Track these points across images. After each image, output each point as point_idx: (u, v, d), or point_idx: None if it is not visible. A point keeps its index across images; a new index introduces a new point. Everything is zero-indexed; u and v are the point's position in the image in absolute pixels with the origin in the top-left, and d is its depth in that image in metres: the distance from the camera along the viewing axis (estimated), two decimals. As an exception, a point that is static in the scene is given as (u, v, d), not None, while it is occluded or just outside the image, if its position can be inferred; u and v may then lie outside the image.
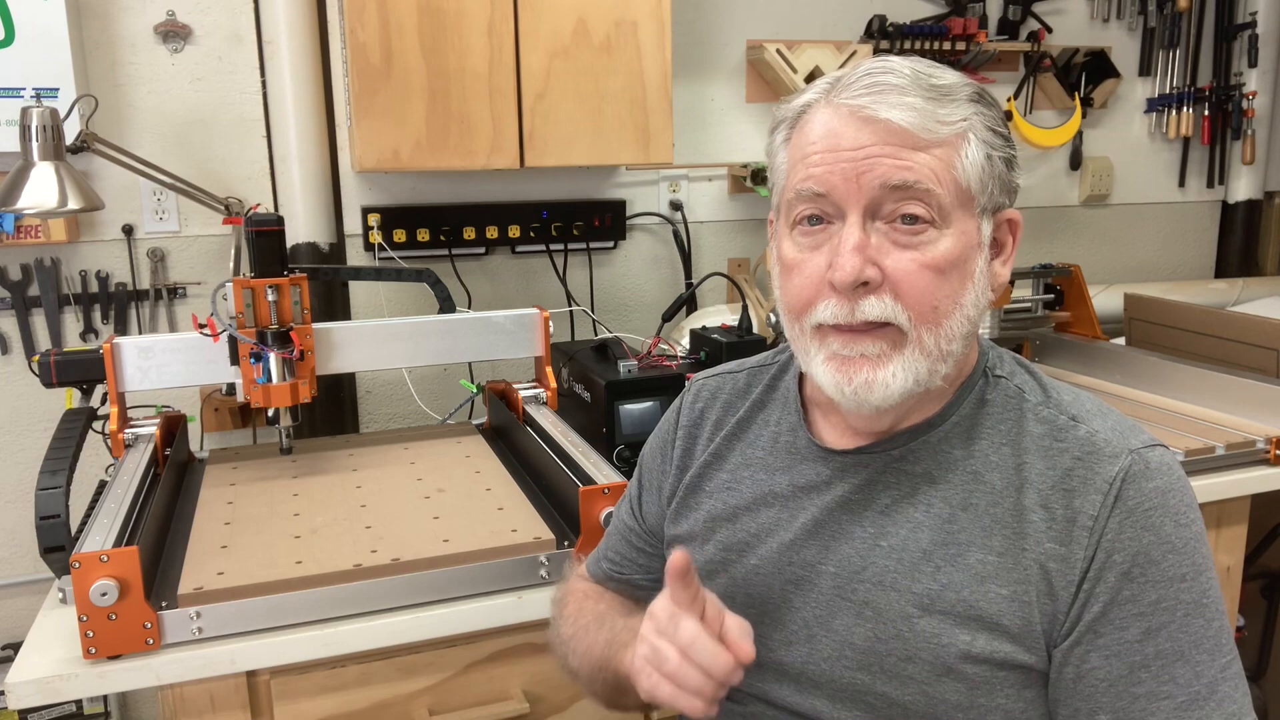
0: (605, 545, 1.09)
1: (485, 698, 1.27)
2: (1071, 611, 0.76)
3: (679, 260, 2.34)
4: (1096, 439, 0.80)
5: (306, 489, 1.48)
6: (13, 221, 1.85)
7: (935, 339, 0.78)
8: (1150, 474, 0.77)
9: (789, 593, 0.86)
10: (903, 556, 0.81)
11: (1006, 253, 0.85)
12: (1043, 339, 2.19)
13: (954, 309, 0.79)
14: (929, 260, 0.77)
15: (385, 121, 1.77)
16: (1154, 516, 0.76)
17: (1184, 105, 2.74)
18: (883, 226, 0.78)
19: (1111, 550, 0.75)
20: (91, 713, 1.93)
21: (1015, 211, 0.84)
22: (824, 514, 0.86)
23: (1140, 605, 0.75)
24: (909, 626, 0.80)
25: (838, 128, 0.78)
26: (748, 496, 0.92)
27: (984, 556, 0.79)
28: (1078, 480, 0.78)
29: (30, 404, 1.94)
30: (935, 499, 0.82)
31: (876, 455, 0.85)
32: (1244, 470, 1.62)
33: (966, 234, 0.79)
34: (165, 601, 1.13)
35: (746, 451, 0.94)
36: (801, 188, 0.79)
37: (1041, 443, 0.81)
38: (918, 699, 0.79)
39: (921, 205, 0.77)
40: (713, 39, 2.30)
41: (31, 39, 1.75)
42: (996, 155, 0.80)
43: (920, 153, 0.77)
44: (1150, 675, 0.74)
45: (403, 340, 1.64)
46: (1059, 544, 0.77)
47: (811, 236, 0.80)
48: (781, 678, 0.86)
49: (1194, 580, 0.76)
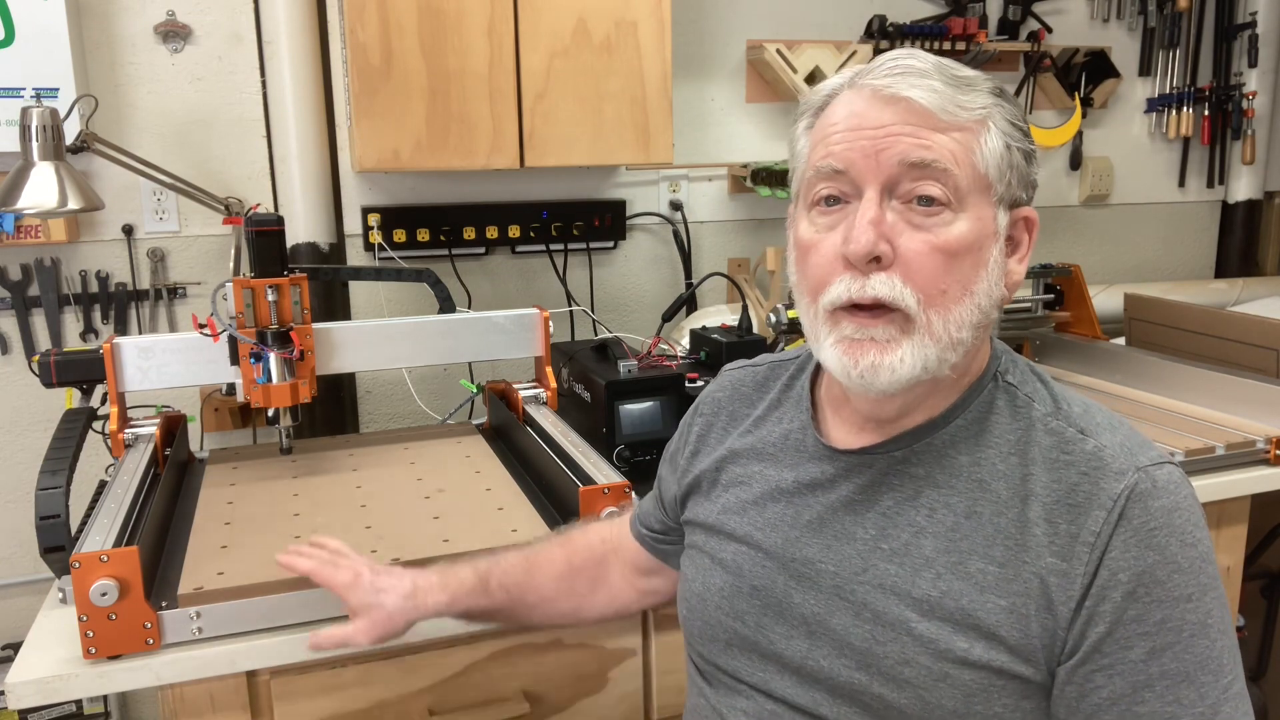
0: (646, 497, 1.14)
1: (485, 698, 1.27)
2: (1074, 629, 0.76)
3: (679, 260, 2.34)
4: (1104, 454, 0.79)
5: (306, 489, 1.48)
6: (13, 221, 1.85)
7: (944, 324, 0.78)
8: (1157, 492, 0.76)
9: (790, 588, 0.87)
10: (904, 561, 0.81)
11: (1022, 250, 0.85)
12: (1043, 339, 2.19)
13: (964, 295, 0.78)
14: (941, 242, 0.77)
15: (385, 122, 1.77)
16: (1159, 536, 0.75)
17: (1184, 105, 2.74)
18: (899, 206, 0.78)
19: (1116, 569, 0.75)
20: (91, 713, 1.93)
21: (1032, 210, 0.84)
22: (827, 512, 0.87)
23: (1145, 625, 0.74)
24: (907, 630, 0.80)
25: (860, 108, 0.79)
26: (757, 491, 0.93)
27: (985, 566, 0.79)
28: (1083, 496, 0.77)
29: (30, 404, 1.95)
30: (939, 504, 0.82)
31: (880, 456, 0.85)
32: (1244, 470, 1.62)
33: (982, 220, 0.79)
34: (165, 601, 1.13)
35: (759, 447, 0.96)
36: (821, 165, 0.80)
37: (1049, 455, 0.80)
38: (914, 703, 0.79)
39: (938, 186, 0.77)
40: (713, 39, 2.30)
41: (31, 39, 1.75)
42: (1015, 147, 0.80)
43: (940, 134, 0.77)
44: (1155, 695, 0.74)
45: (403, 340, 1.63)
46: (1060, 559, 0.77)
47: (829, 216, 0.81)
48: (783, 670, 0.87)
49: (1199, 600, 0.75)
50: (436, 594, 1.06)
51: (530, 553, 1.12)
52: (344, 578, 1.05)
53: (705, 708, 0.94)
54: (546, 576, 1.11)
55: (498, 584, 1.08)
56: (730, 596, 0.91)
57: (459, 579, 1.07)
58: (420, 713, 1.24)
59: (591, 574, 1.13)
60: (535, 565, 1.11)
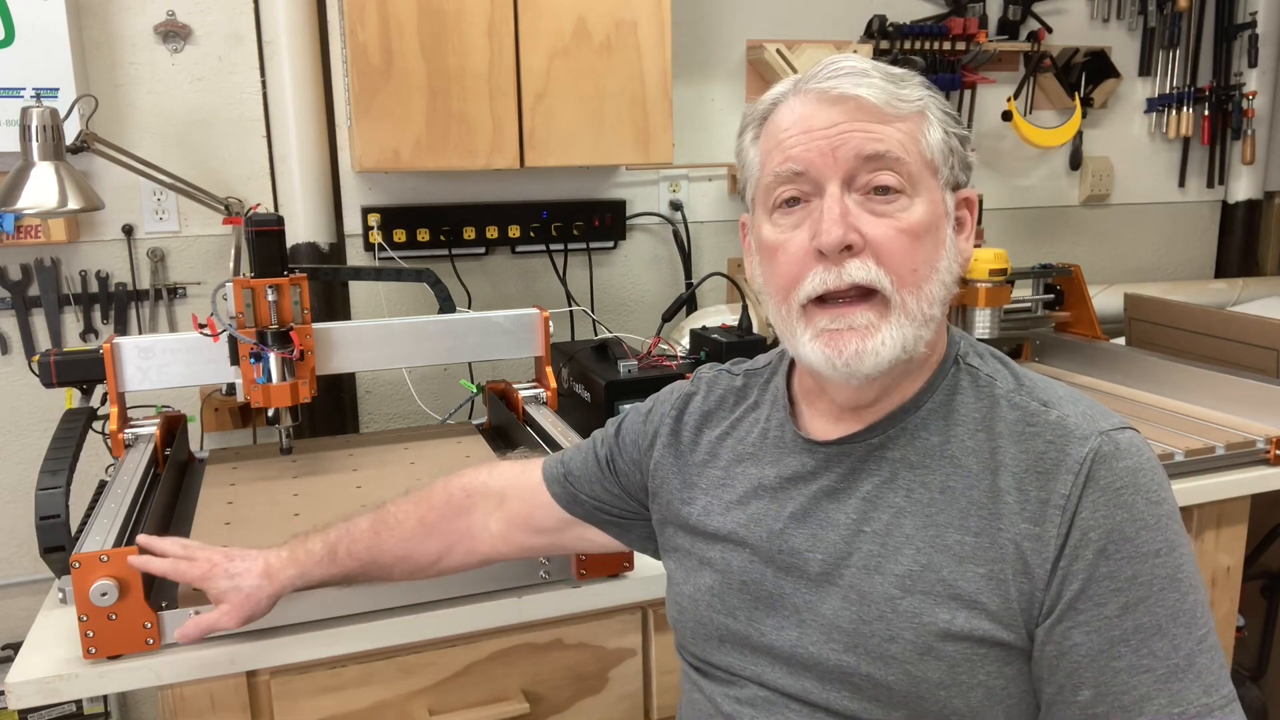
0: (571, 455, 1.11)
1: (485, 698, 1.27)
2: (1050, 590, 0.78)
3: (679, 260, 2.34)
4: (1067, 422, 0.82)
5: (306, 489, 1.48)
6: (13, 221, 1.85)
7: (917, 302, 0.82)
8: (1120, 454, 0.80)
9: (780, 580, 0.89)
10: (885, 540, 0.84)
11: (968, 229, 0.89)
12: (1043, 339, 2.19)
13: (931, 273, 0.83)
14: (904, 226, 0.81)
15: (385, 121, 1.77)
16: (1125, 495, 0.78)
17: (1184, 105, 2.74)
18: (858, 197, 0.82)
19: (1086, 529, 0.78)
20: (91, 713, 1.93)
21: (973, 191, 0.89)
22: (810, 503, 0.89)
23: (1117, 581, 0.77)
24: (892, 607, 0.82)
25: (809, 112, 0.83)
26: (740, 490, 0.94)
27: (962, 538, 0.82)
28: (1050, 463, 0.81)
29: (30, 404, 1.95)
30: (915, 484, 0.85)
31: (858, 445, 0.88)
32: (1244, 470, 1.63)
33: (935, 203, 0.84)
34: (165, 601, 1.13)
35: (737, 448, 0.97)
36: (780, 169, 0.84)
37: (1015, 428, 0.84)
38: (901, 679, 0.81)
39: (893, 175, 0.81)
40: (713, 39, 2.30)
41: (31, 39, 1.75)
42: (952, 133, 0.86)
43: (887, 126, 0.82)
44: (1129, 649, 0.76)
45: (403, 340, 1.63)
46: (1033, 524, 0.79)
47: (791, 216, 0.84)
48: (774, 661, 0.89)
49: (1168, 555, 0.78)
50: (287, 569, 1.09)
51: (381, 514, 1.13)
52: (198, 570, 1.08)
53: (701, 700, 0.96)
54: (396, 538, 1.11)
55: (346, 552, 1.10)
56: (720, 594, 0.92)
57: (308, 551, 1.10)
58: (420, 713, 1.24)
59: (445, 531, 1.11)
60: (385, 527, 1.11)
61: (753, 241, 0.90)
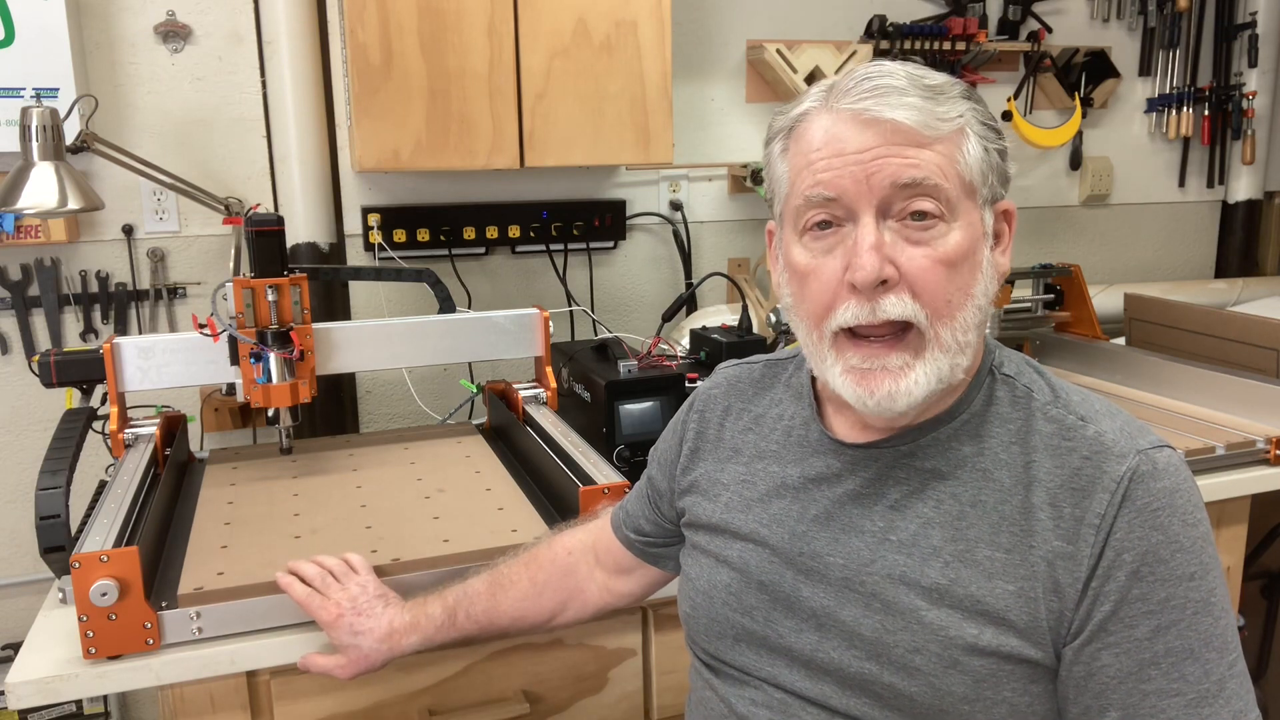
0: (631, 492, 1.16)
1: (485, 698, 1.27)
2: (1080, 609, 0.77)
3: (679, 260, 2.34)
4: (1105, 439, 0.80)
5: (306, 489, 1.48)
6: (13, 221, 1.85)
7: (951, 333, 0.80)
8: (1158, 474, 0.78)
9: (799, 582, 0.88)
10: (913, 551, 0.82)
11: (1005, 242, 0.87)
12: (1043, 339, 2.19)
13: (965, 301, 0.80)
14: (941, 255, 0.79)
15: (385, 122, 1.77)
16: (1162, 516, 0.76)
17: (1184, 105, 2.74)
18: (894, 224, 0.79)
19: (1120, 549, 0.76)
20: (91, 713, 1.93)
21: (1009, 202, 0.87)
22: (834, 506, 0.88)
23: (1150, 603, 0.75)
24: (917, 619, 0.81)
25: (841, 132, 0.79)
26: (761, 489, 0.93)
27: (992, 553, 0.80)
28: (1085, 479, 0.79)
29: (30, 404, 1.95)
30: (945, 495, 0.83)
31: (887, 450, 0.86)
32: (1244, 470, 1.62)
33: (973, 225, 0.81)
34: (165, 601, 1.13)
35: (760, 444, 0.96)
36: (811, 194, 0.80)
37: (1050, 442, 0.82)
38: (924, 691, 0.80)
39: (931, 201, 0.78)
40: (713, 39, 2.30)
41: (31, 39, 1.75)
42: (992, 147, 0.83)
43: (925, 150, 0.78)
44: (1160, 672, 0.75)
45: (403, 340, 1.63)
46: (1066, 542, 0.78)
47: (823, 240, 0.81)
48: (792, 663, 0.88)
49: (1202, 579, 0.76)
50: (409, 636, 1.11)
51: (495, 577, 1.16)
52: (327, 615, 1.11)
53: (713, 699, 0.95)
54: (511, 599, 1.14)
55: (465, 615, 1.13)
56: (737, 593, 0.91)
57: (429, 617, 1.12)
58: (420, 713, 1.24)
59: (556, 588, 1.15)
60: (499, 589, 1.15)
61: (780, 255, 0.88)
